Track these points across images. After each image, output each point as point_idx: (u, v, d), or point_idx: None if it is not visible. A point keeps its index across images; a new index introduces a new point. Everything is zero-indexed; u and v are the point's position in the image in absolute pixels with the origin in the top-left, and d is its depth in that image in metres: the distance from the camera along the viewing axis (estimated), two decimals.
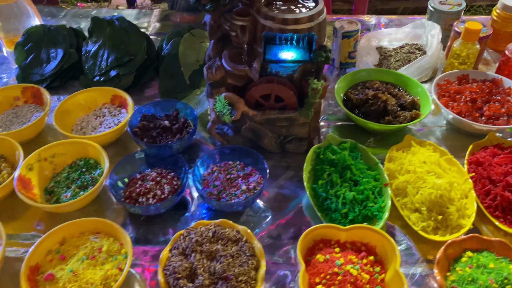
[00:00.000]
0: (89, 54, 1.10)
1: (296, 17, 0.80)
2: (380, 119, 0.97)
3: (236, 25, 0.84)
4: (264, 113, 0.89)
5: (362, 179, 0.84)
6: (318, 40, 0.85)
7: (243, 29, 0.84)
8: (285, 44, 0.90)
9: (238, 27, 0.84)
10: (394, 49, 1.23)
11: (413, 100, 0.99)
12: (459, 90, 1.00)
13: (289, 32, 0.81)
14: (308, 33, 0.83)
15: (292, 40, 0.90)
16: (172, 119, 0.97)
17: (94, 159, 0.89)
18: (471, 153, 0.91)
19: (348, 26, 1.12)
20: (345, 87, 1.05)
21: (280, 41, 0.90)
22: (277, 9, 0.84)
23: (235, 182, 0.85)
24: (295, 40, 0.90)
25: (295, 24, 0.81)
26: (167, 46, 1.15)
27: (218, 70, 0.87)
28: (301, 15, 0.80)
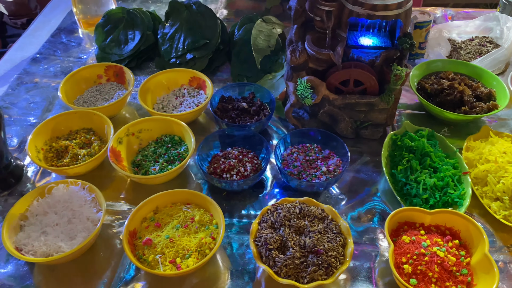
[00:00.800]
0: (166, 37, 1.14)
1: (386, 3, 0.81)
2: (456, 109, 0.97)
3: (321, 10, 0.86)
4: (344, 97, 0.90)
5: (442, 166, 0.85)
6: (403, 27, 0.86)
7: (329, 14, 0.86)
8: (367, 31, 0.92)
9: (324, 12, 0.86)
10: (464, 41, 1.22)
11: (490, 92, 0.99)
12: None
13: (377, 18, 0.82)
14: (394, 20, 0.84)
15: (375, 26, 0.91)
16: (248, 101, 1.00)
17: (178, 136, 0.92)
18: None
19: (421, 17, 1.12)
20: (419, 76, 1.06)
21: (362, 27, 0.92)
22: None
23: (314, 163, 0.87)
24: (377, 26, 0.91)
25: (383, 10, 0.82)
26: (239, 31, 1.18)
27: (302, 54, 0.89)
28: (390, 1, 0.81)
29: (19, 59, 1.20)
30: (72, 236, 0.73)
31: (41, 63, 1.19)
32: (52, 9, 1.43)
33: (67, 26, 1.34)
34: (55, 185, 0.79)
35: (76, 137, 0.91)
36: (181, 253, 0.70)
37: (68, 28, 1.33)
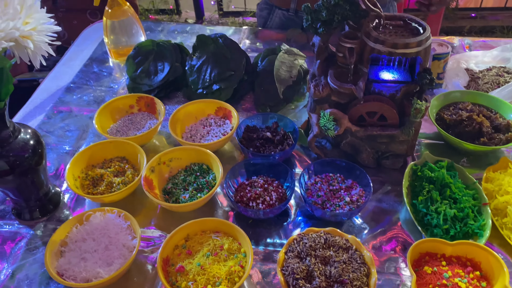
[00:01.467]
0: (194, 69, 1.20)
1: (406, 42, 0.85)
2: (475, 140, 1.00)
3: (344, 47, 0.91)
4: (366, 129, 0.94)
5: (462, 197, 0.87)
6: (422, 63, 0.90)
7: (351, 50, 0.90)
8: (387, 65, 0.96)
9: (346, 48, 0.90)
10: (481, 71, 1.26)
11: (508, 123, 1.01)
12: None
13: (398, 55, 0.87)
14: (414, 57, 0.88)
15: (395, 61, 0.95)
16: (272, 131, 1.04)
17: (206, 165, 0.97)
18: None
19: (439, 49, 1.16)
20: (438, 106, 1.09)
21: (383, 62, 0.96)
22: (385, 33, 0.89)
23: (337, 193, 0.91)
24: (397, 61, 0.95)
25: (404, 48, 0.86)
26: (262, 62, 1.23)
27: (325, 88, 0.94)
28: (410, 40, 0.86)
29: (55, 88, 1.27)
30: (110, 262, 0.77)
31: (75, 92, 1.26)
32: (84, 39, 1.51)
33: (98, 56, 1.41)
34: (93, 213, 0.84)
35: (110, 166, 0.97)
36: (212, 281, 0.74)
37: (99, 58, 1.40)
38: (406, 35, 0.90)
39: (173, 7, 3.27)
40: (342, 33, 0.93)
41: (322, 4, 0.88)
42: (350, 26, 0.93)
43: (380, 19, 0.92)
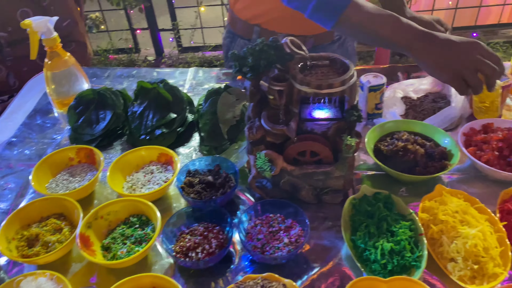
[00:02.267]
0: (135, 115, 1.20)
1: (330, 82, 0.88)
2: (411, 170, 1.02)
3: (273, 90, 0.92)
4: (301, 168, 0.95)
5: (398, 229, 0.89)
6: (349, 101, 0.92)
7: (280, 93, 0.92)
8: (318, 104, 0.98)
9: (276, 91, 0.92)
10: (419, 98, 1.30)
11: (441, 150, 1.04)
12: (485, 139, 1.05)
13: (323, 95, 0.89)
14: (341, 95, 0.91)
15: (325, 100, 0.97)
16: (214, 174, 1.04)
17: (146, 216, 0.96)
18: (502, 201, 0.94)
19: (374, 80, 1.19)
20: (375, 138, 1.11)
21: (313, 101, 0.98)
22: (311, 74, 0.92)
23: (277, 235, 0.90)
24: (327, 99, 0.97)
25: (328, 89, 0.88)
26: (205, 104, 1.24)
27: (259, 130, 0.95)
28: (334, 80, 0.88)
29: None
30: None
31: (16, 147, 1.23)
32: (28, 90, 1.49)
33: (42, 107, 1.39)
34: (24, 278, 0.81)
35: (47, 224, 0.94)
36: None
37: (43, 109, 1.39)
38: (333, 74, 0.92)
39: (132, 46, 3.28)
40: (271, 76, 0.95)
41: (247, 51, 0.90)
42: (278, 69, 0.96)
43: (306, 60, 0.95)
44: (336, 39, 1.40)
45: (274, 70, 0.97)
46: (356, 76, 0.92)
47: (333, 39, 1.39)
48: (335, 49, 1.41)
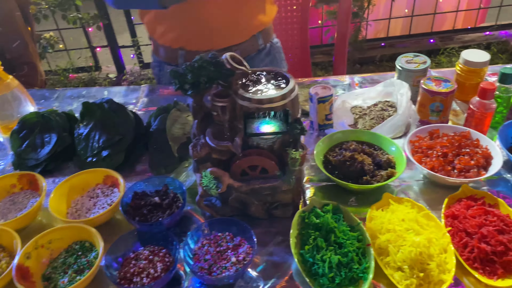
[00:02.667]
0: (81, 137, 1.17)
1: (270, 97, 0.87)
2: (359, 179, 1.02)
3: (216, 106, 0.91)
4: (248, 184, 0.94)
5: (346, 241, 0.88)
6: (292, 114, 0.92)
7: (224, 109, 0.91)
8: (264, 118, 0.98)
9: (219, 107, 0.91)
10: (369, 107, 1.31)
11: (388, 159, 1.05)
12: (431, 145, 1.07)
13: (264, 110, 0.88)
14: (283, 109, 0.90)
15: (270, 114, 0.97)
16: (162, 194, 1.02)
17: (89, 242, 0.92)
18: (447, 206, 0.96)
19: (322, 92, 1.20)
20: (324, 149, 1.12)
21: (258, 116, 0.97)
22: (253, 90, 0.91)
23: (224, 254, 0.89)
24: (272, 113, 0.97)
25: (269, 103, 0.88)
26: (155, 122, 1.22)
27: (203, 148, 0.93)
28: (274, 95, 0.88)
29: None
30: None
31: None
32: None
33: None
34: None
35: None
36: None
37: None
38: (274, 88, 0.92)
39: (92, 64, 3.23)
40: (214, 92, 0.94)
41: (186, 68, 0.89)
42: (221, 85, 0.95)
43: (248, 75, 0.94)
44: (261, 48, 1.43)
45: (218, 86, 0.96)
46: (297, 89, 0.92)
47: (258, 49, 1.42)
48: (263, 58, 1.44)
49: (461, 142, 1.06)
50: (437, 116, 1.20)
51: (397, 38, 3.30)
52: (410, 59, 1.32)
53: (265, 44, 1.45)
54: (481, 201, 0.95)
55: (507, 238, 0.85)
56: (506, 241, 0.85)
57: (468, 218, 0.90)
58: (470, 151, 1.04)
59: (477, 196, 0.97)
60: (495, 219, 0.88)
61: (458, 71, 1.29)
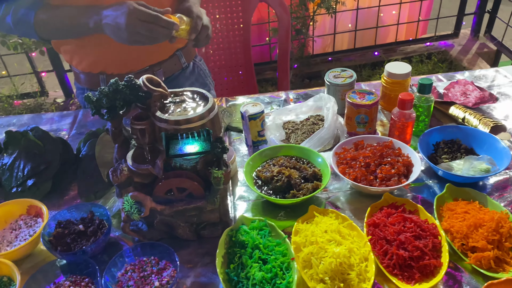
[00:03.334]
0: (5, 167, 1.13)
1: (187, 117, 0.88)
2: (286, 194, 1.04)
3: (136, 129, 0.91)
4: (172, 206, 0.93)
5: (270, 257, 0.89)
6: (213, 133, 0.92)
7: (142, 132, 0.91)
8: (187, 138, 0.98)
9: (138, 130, 0.91)
10: (301, 121, 1.34)
11: (314, 172, 1.07)
12: (355, 156, 1.10)
13: (183, 131, 0.89)
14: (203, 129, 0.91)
15: (192, 134, 0.97)
16: (87, 222, 0.99)
17: (7, 276, 0.89)
18: (370, 215, 0.98)
19: (252, 109, 1.22)
20: (255, 166, 1.13)
21: (182, 137, 0.98)
22: (172, 111, 0.91)
23: (148, 279, 0.87)
24: (195, 133, 0.97)
25: (187, 124, 0.88)
26: (84, 147, 1.20)
27: (123, 172, 0.92)
28: (192, 115, 0.88)
29: None
30: None
31: None
32: None
33: None
34: None
35: None
36: None
37: None
38: (194, 108, 0.92)
39: (38, 90, 3.14)
40: (133, 115, 0.93)
41: (101, 92, 0.88)
42: (141, 108, 0.94)
43: (167, 97, 0.95)
44: (184, 67, 1.44)
45: (138, 109, 0.96)
46: (217, 108, 0.93)
47: (182, 67, 1.43)
48: (188, 76, 1.46)
49: (383, 152, 1.10)
50: (363, 128, 1.24)
51: (343, 52, 3.40)
52: (337, 73, 1.36)
53: (188, 63, 1.46)
54: (402, 208, 0.98)
55: (423, 243, 0.88)
56: (422, 246, 0.88)
57: (388, 226, 0.93)
58: (391, 160, 1.08)
59: (398, 204, 1.00)
60: (412, 225, 0.91)
61: (383, 83, 1.34)
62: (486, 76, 1.53)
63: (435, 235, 0.91)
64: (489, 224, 0.90)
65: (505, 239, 0.89)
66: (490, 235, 0.89)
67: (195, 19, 1.14)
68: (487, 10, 3.31)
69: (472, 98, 1.34)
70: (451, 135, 1.18)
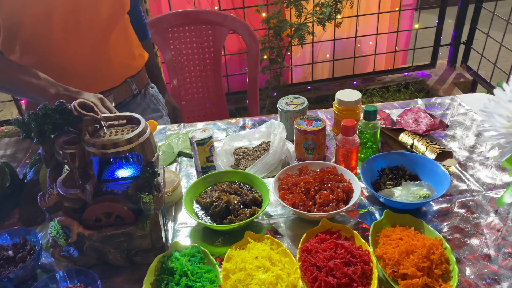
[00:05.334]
0: None
1: (114, 142, 0.88)
2: (224, 220, 1.03)
3: (66, 153, 0.91)
4: (100, 231, 0.92)
5: (197, 283, 0.87)
6: (144, 158, 0.92)
7: (72, 156, 0.91)
8: (121, 163, 0.98)
9: (68, 154, 0.91)
10: (254, 147, 1.34)
11: (254, 197, 1.07)
12: (296, 182, 1.10)
13: (111, 155, 0.89)
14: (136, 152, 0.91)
15: (126, 159, 0.97)
16: (18, 248, 0.98)
17: None
18: (305, 241, 0.97)
19: (200, 135, 1.22)
20: (197, 192, 1.12)
21: (115, 161, 0.97)
22: (104, 135, 0.92)
23: None
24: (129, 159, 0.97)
25: (114, 148, 0.88)
26: (30, 172, 1.19)
27: (51, 196, 0.92)
28: (119, 139, 0.88)
29: None
30: None
31: None
32: None
33: None
34: None
35: None
36: None
37: None
38: (124, 133, 0.93)
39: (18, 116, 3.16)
40: (65, 139, 0.93)
41: (29, 116, 0.89)
42: (73, 132, 0.95)
43: (99, 121, 0.95)
44: (136, 93, 1.46)
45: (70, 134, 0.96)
46: (148, 132, 0.93)
47: (133, 94, 1.46)
48: (139, 102, 1.49)
49: (324, 178, 1.10)
50: (311, 154, 1.24)
51: (322, 82, 3.44)
52: (290, 101, 1.38)
53: (140, 89, 1.48)
54: (337, 234, 0.97)
55: (352, 269, 0.87)
56: (351, 272, 0.86)
57: (320, 252, 0.91)
58: (331, 186, 1.07)
59: (333, 230, 0.99)
60: (343, 251, 0.90)
61: (335, 110, 1.35)
62: (442, 104, 1.55)
63: (366, 262, 0.90)
64: (420, 251, 0.89)
65: (435, 266, 0.88)
66: (420, 261, 0.87)
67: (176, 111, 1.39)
68: (462, 41, 3.39)
69: (423, 125, 1.35)
70: (396, 161, 1.18)
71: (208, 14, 2.17)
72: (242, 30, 2.12)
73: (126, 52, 1.40)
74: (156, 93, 1.59)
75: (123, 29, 1.36)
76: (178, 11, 2.15)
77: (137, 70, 1.46)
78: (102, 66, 1.34)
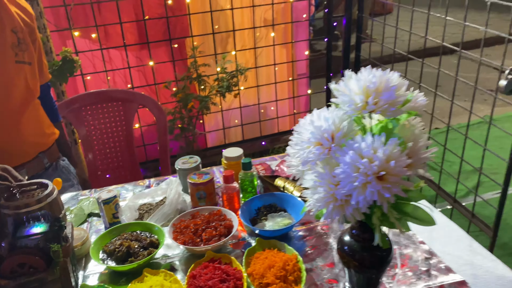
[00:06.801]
0: None
1: (25, 202, 1.08)
2: (125, 262, 1.23)
3: None
4: (15, 280, 1.09)
5: None
6: (52, 214, 1.13)
7: None
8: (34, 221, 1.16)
9: None
10: (157, 202, 1.58)
11: (151, 241, 1.29)
12: (187, 224, 1.34)
13: (23, 214, 1.08)
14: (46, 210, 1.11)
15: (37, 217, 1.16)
16: None
17: None
18: (193, 269, 1.20)
19: (106, 195, 1.44)
20: (103, 243, 1.32)
21: (27, 219, 1.16)
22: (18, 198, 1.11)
23: None
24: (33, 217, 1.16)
25: (26, 208, 1.08)
26: None
27: None
28: (30, 200, 1.09)
29: None
30: None
31: None
32: None
33: None
34: None
35: None
36: None
37: None
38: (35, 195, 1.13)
39: None
40: None
41: None
42: None
43: (16, 188, 1.15)
44: (47, 166, 1.66)
45: None
46: (55, 194, 1.15)
47: (45, 167, 1.65)
48: (51, 174, 1.67)
49: (210, 219, 1.36)
50: (204, 202, 1.50)
51: (234, 144, 3.80)
52: (186, 160, 1.65)
53: (52, 162, 1.67)
54: (218, 261, 1.22)
55: (226, 285, 1.11)
56: (225, 287, 1.11)
57: (203, 276, 1.15)
58: (216, 224, 1.33)
59: (215, 258, 1.24)
60: (219, 272, 1.15)
61: (223, 165, 1.65)
62: None
63: (238, 278, 1.15)
64: (278, 264, 1.16)
65: (289, 274, 1.15)
66: (278, 272, 1.14)
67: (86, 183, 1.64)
68: None
69: None
70: (269, 200, 1.48)
71: (118, 93, 2.46)
72: (150, 104, 2.42)
73: (38, 131, 1.61)
74: (67, 164, 1.78)
75: (34, 112, 1.58)
76: (90, 92, 2.42)
77: (48, 146, 1.65)
78: (15, 145, 1.52)
